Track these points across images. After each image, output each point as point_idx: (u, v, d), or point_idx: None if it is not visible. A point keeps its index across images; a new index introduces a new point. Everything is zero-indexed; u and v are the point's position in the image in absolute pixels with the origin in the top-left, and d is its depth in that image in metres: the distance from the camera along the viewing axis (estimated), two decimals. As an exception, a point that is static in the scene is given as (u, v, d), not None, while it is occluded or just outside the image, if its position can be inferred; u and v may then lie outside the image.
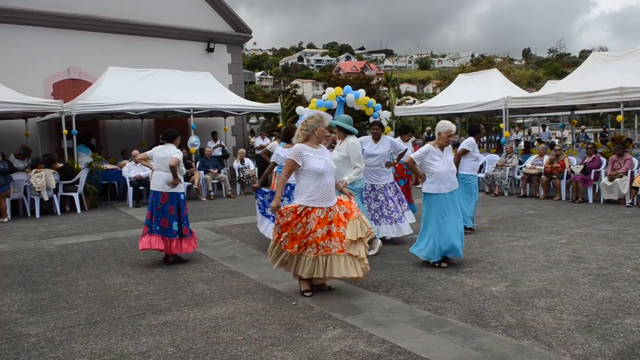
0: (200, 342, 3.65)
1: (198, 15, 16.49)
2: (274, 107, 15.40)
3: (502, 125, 14.26)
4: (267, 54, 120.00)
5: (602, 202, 10.10)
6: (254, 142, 17.94)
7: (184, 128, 14.25)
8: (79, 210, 10.71)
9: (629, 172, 9.77)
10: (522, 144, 17.63)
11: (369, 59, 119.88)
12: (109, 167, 12.20)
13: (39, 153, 12.30)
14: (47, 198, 10.12)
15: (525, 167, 11.73)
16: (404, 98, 48.55)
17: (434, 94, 38.47)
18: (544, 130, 22.40)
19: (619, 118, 11.57)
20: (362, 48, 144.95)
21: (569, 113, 16.47)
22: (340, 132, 5.90)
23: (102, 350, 3.54)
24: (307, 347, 3.51)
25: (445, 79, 47.20)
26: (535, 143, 17.63)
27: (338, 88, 10.25)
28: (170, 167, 5.88)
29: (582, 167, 10.56)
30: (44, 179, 10.00)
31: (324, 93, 10.65)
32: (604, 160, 10.58)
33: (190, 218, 6.34)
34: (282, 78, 73.57)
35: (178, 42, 16.01)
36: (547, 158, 11.31)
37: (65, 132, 11.28)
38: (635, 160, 9.99)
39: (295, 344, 3.55)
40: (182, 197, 6.08)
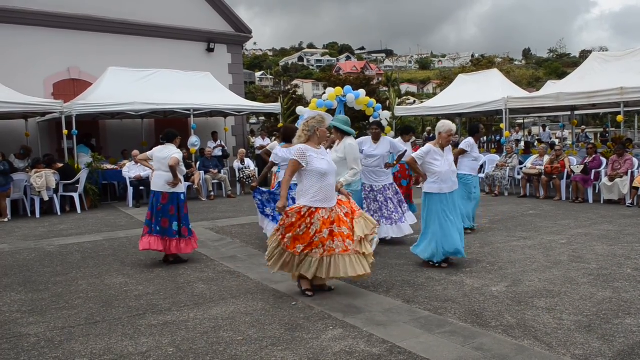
0: (201, 342, 3.65)
1: (198, 15, 16.50)
2: (274, 107, 15.39)
3: (502, 126, 14.24)
4: (267, 54, 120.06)
5: (602, 202, 10.10)
6: (254, 142, 17.94)
7: (184, 128, 14.25)
8: (79, 211, 10.71)
9: (629, 172, 9.78)
10: (522, 144, 17.61)
11: (369, 59, 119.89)
12: (109, 167, 12.21)
13: (39, 153, 12.31)
14: (47, 198, 10.13)
15: (526, 167, 11.73)
16: (404, 98, 48.51)
17: (434, 94, 38.41)
18: (544, 131, 22.40)
19: (619, 118, 11.57)
20: (362, 48, 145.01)
21: (569, 113, 16.47)
22: (338, 133, 5.85)
23: (102, 351, 3.54)
24: (307, 347, 3.51)
25: (446, 79, 47.08)
26: (536, 143, 17.63)
27: (338, 88, 10.23)
28: (170, 167, 5.89)
29: (582, 167, 10.56)
30: (44, 179, 10.01)
31: (324, 93, 10.63)
32: (604, 161, 10.58)
33: (191, 218, 6.34)
34: (282, 78, 73.66)
35: (178, 42, 16.02)
36: (547, 158, 11.31)
37: (66, 132, 11.28)
38: (636, 161, 9.99)
39: (296, 344, 3.55)
40: (182, 197, 6.08)
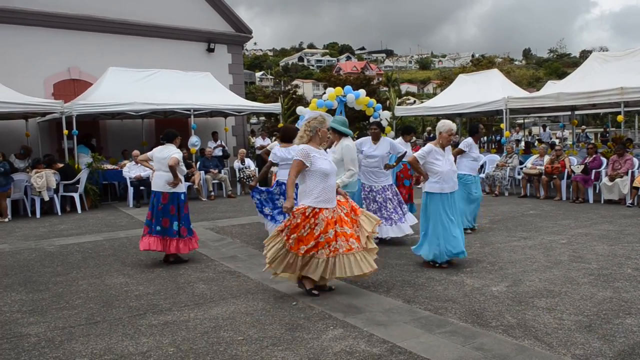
0: (201, 342, 3.65)
1: (198, 16, 16.49)
2: (275, 107, 15.38)
3: (502, 126, 14.23)
4: (267, 54, 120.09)
5: (602, 202, 10.10)
6: (255, 142, 17.96)
7: (185, 128, 14.26)
8: (80, 211, 10.71)
9: (630, 172, 9.77)
10: (522, 144, 17.60)
11: (370, 59, 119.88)
12: (110, 167, 12.21)
13: (40, 153, 12.31)
14: (47, 198, 10.13)
15: (526, 167, 11.73)
16: (405, 98, 48.55)
17: (435, 94, 38.43)
18: (545, 131, 22.41)
19: (620, 118, 11.58)
20: (362, 48, 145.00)
21: (570, 113, 16.45)
22: (335, 134, 5.82)
23: (102, 351, 3.54)
24: (307, 347, 3.51)
25: (446, 79, 47.09)
26: (536, 143, 17.63)
27: (338, 88, 10.22)
28: (170, 167, 5.89)
29: (582, 167, 10.56)
30: (45, 179, 10.01)
31: (325, 93, 10.62)
32: (605, 161, 10.58)
33: (191, 218, 6.33)
34: (282, 78, 73.68)
35: (178, 42, 16.02)
36: (547, 158, 11.31)
37: (66, 132, 11.28)
38: (636, 161, 9.99)
39: (296, 344, 3.55)
40: (182, 197, 6.08)
